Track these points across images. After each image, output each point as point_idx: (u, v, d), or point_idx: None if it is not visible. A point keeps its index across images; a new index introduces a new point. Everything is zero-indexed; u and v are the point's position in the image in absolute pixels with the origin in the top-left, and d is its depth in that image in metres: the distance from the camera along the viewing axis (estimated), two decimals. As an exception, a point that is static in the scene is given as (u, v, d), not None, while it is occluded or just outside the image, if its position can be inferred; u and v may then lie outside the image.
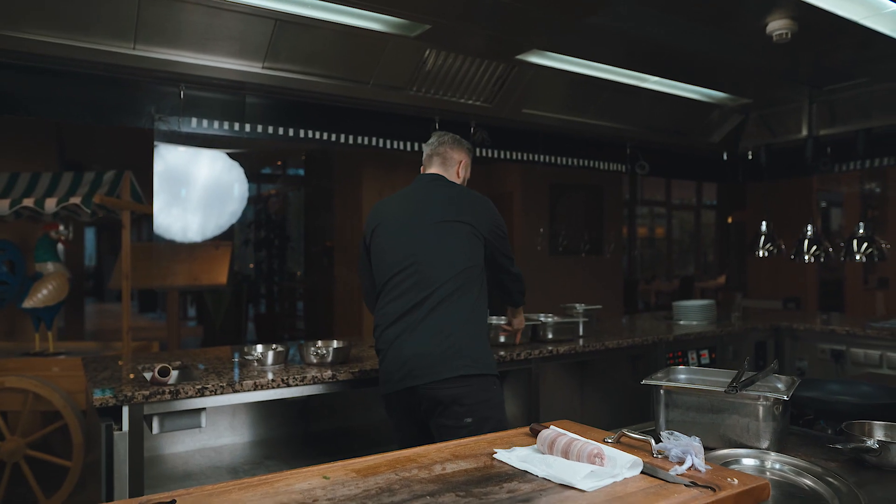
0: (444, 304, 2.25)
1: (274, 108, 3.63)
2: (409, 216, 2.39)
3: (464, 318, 2.26)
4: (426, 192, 2.47)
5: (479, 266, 2.37)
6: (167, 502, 1.13)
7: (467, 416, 2.16)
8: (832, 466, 1.49)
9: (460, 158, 2.58)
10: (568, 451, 1.32)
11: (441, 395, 2.16)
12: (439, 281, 2.26)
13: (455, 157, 2.57)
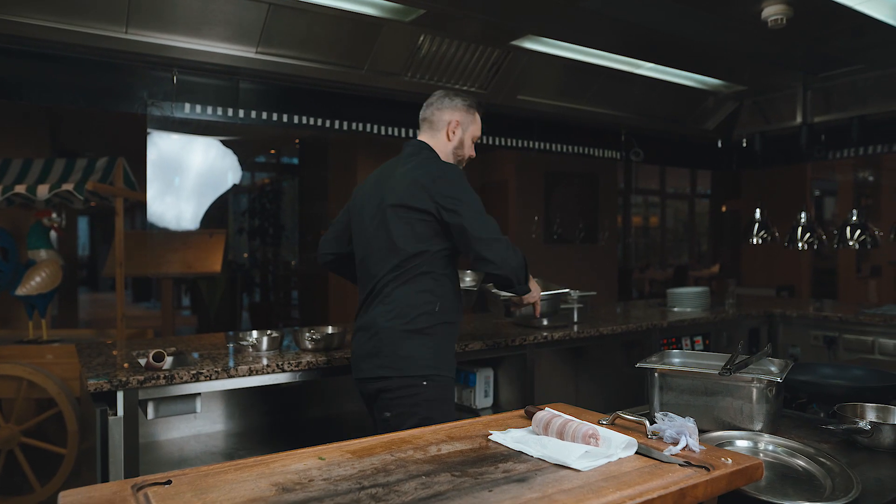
0: (377, 298, 2.18)
1: (268, 93, 3.61)
2: (366, 201, 2.27)
3: (395, 312, 2.12)
4: (390, 170, 2.25)
5: (431, 252, 2.14)
6: (163, 482, 1.13)
7: (386, 410, 2.12)
8: (825, 447, 1.50)
9: (450, 118, 2.30)
10: (563, 432, 1.32)
11: (368, 388, 2.18)
12: (378, 274, 2.18)
13: (444, 119, 2.30)
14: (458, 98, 2.34)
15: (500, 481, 1.14)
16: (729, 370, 1.59)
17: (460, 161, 2.37)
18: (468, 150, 2.38)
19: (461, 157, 2.36)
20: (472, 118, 2.36)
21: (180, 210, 8.30)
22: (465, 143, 2.35)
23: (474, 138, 2.38)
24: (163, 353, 2.26)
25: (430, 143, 2.31)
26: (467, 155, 2.38)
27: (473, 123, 2.37)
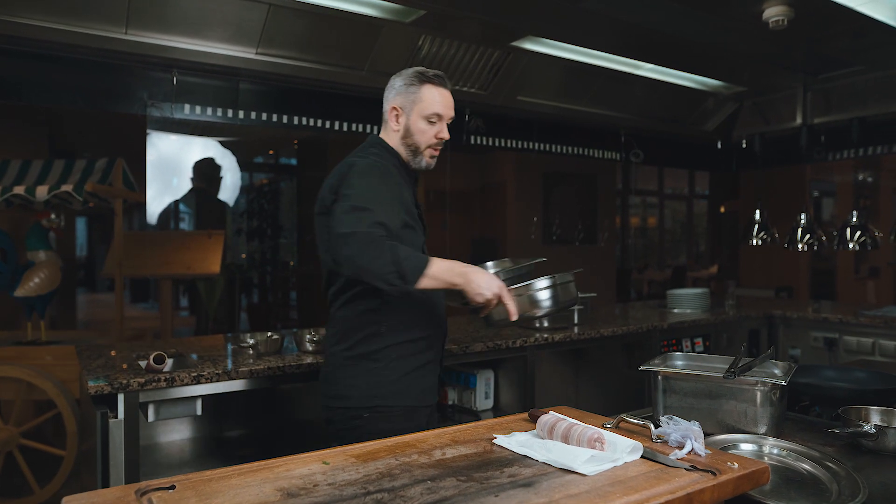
0: (329, 320, 2.02)
1: (267, 94, 3.60)
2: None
3: (339, 336, 1.96)
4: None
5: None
6: (166, 487, 1.13)
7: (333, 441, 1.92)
8: (829, 451, 1.50)
9: (389, 106, 1.99)
10: (568, 436, 1.32)
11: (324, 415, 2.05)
12: (327, 292, 2.03)
13: (386, 108, 2.00)
14: (399, 78, 1.98)
15: (505, 486, 1.13)
16: (733, 373, 1.58)
17: (415, 151, 1.99)
18: (422, 134, 1.97)
19: (415, 146, 1.98)
20: (414, 96, 1.95)
21: (178, 211, 8.28)
22: (412, 128, 1.96)
23: (427, 116, 1.96)
24: (163, 355, 2.26)
25: (384, 137, 2.03)
26: (424, 142, 1.98)
27: (419, 101, 1.95)
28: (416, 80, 1.97)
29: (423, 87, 1.96)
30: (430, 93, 1.96)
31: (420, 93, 1.96)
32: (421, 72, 1.98)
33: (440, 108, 1.97)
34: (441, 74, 2.00)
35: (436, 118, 1.97)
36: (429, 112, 1.96)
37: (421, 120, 1.96)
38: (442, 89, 1.99)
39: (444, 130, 1.99)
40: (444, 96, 1.98)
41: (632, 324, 3.60)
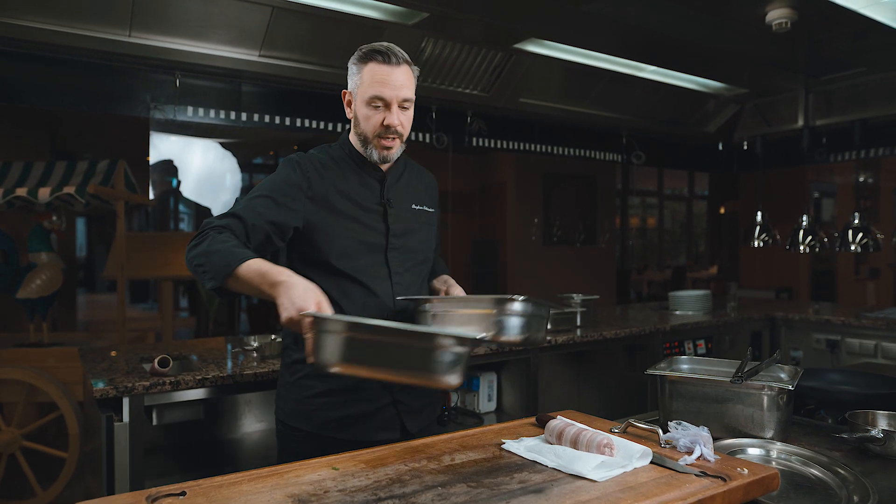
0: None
1: (270, 96, 3.60)
2: None
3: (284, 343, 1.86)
4: None
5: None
6: (177, 494, 1.13)
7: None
8: (837, 456, 1.50)
9: (344, 91, 1.76)
10: (577, 441, 1.32)
11: None
12: None
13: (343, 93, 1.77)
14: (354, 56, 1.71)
15: (516, 492, 1.13)
16: (740, 378, 1.58)
17: (364, 141, 1.72)
18: (366, 121, 1.68)
19: (363, 136, 1.71)
20: (357, 78, 1.68)
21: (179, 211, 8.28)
22: (358, 114, 1.70)
23: (368, 100, 1.65)
24: (168, 358, 2.25)
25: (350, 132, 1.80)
26: (370, 131, 1.68)
27: (361, 83, 1.66)
28: (358, 59, 1.68)
29: (365, 66, 1.66)
30: (371, 72, 1.65)
31: (362, 73, 1.67)
32: (364, 49, 1.69)
33: (382, 89, 1.64)
34: (388, 48, 1.66)
35: (378, 102, 1.65)
36: (369, 95, 1.65)
37: (364, 105, 1.67)
38: (387, 66, 1.64)
39: (391, 116, 1.66)
40: (388, 75, 1.64)
41: (634, 326, 3.60)
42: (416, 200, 1.87)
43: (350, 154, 1.78)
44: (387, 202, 1.78)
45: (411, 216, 1.84)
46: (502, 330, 1.48)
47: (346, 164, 1.77)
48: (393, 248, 1.78)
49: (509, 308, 1.48)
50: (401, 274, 1.79)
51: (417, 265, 1.85)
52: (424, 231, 1.88)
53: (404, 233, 1.80)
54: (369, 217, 1.75)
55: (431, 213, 1.92)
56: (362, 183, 1.77)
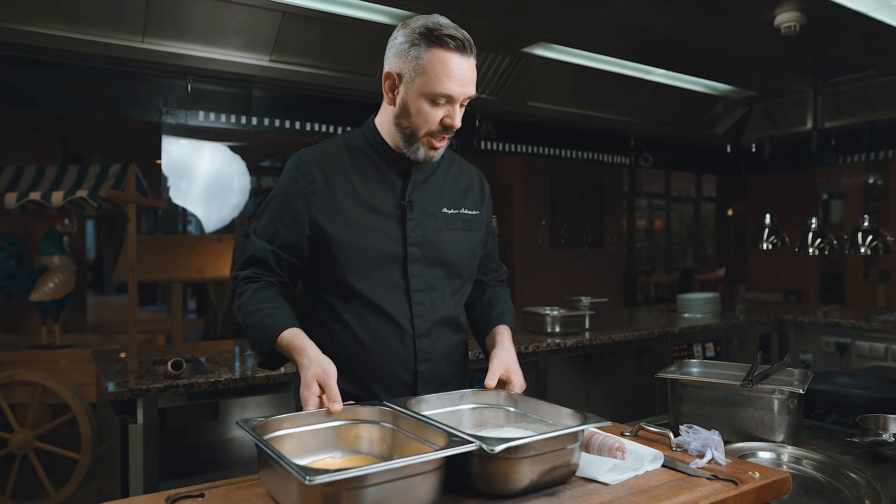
0: None
1: (281, 101, 3.63)
2: None
3: None
4: None
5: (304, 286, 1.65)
6: (196, 496, 1.14)
7: None
8: (847, 460, 1.51)
9: (387, 70, 1.48)
10: (589, 445, 1.33)
11: None
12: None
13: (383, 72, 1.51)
14: (402, 31, 1.45)
15: (529, 497, 1.14)
16: (751, 381, 1.59)
17: (411, 137, 1.48)
18: (421, 117, 1.45)
19: (412, 131, 1.48)
20: (416, 63, 1.41)
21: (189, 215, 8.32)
22: (410, 107, 1.45)
23: (432, 95, 1.42)
24: (181, 361, 2.28)
25: (378, 116, 1.59)
26: (423, 127, 1.46)
27: (423, 72, 1.41)
28: (423, 41, 1.40)
29: (430, 51, 1.40)
30: (439, 62, 1.40)
31: (425, 59, 1.40)
32: (431, 28, 1.40)
33: (452, 85, 1.41)
34: (461, 35, 1.42)
35: (443, 99, 1.43)
36: (434, 90, 1.41)
37: (422, 98, 1.43)
38: (459, 56, 1.41)
39: (454, 115, 1.45)
40: (460, 68, 1.41)
41: (643, 329, 3.60)
42: (451, 202, 1.61)
43: (373, 144, 1.56)
44: (407, 204, 1.53)
45: (441, 221, 1.57)
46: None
47: (364, 156, 1.55)
48: (413, 259, 1.52)
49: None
50: (423, 292, 1.53)
51: (450, 279, 1.59)
52: (459, 238, 1.60)
53: (428, 241, 1.54)
54: (385, 222, 1.52)
55: (473, 215, 1.65)
56: (382, 180, 1.54)
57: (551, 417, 1.32)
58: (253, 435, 1.13)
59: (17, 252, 4.00)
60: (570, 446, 1.18)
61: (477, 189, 1.71)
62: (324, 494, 0.97)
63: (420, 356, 1.54)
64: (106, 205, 3.95)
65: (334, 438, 1.27)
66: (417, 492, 1.03)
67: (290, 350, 1.41)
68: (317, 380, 1.32)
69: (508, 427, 1.39)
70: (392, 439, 1.25)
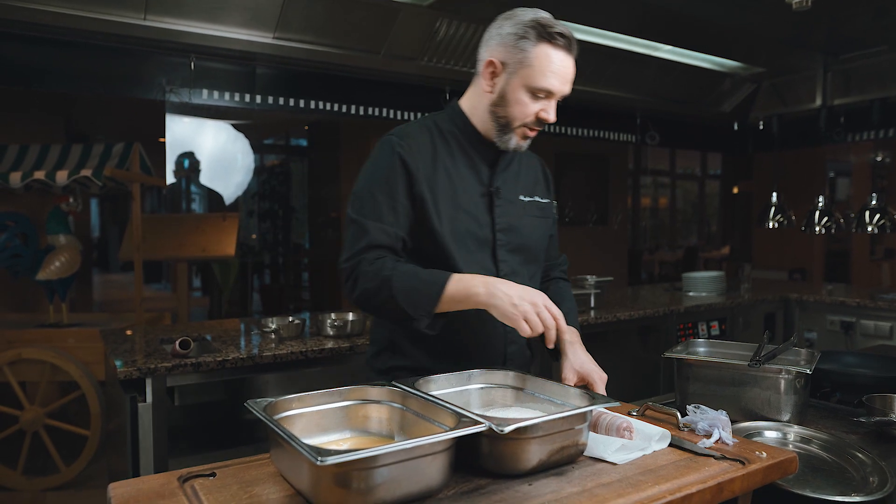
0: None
1: (284, 78, 3.60)
2: None
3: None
4: None
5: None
6: (207, 474, 1.15)
7: None
8: (853, 439, 1.51)
9: (486, 57, 1.51)
10: (597, 424, 1.33)
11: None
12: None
13: (481, 59, 1.54)
14: (508, 23, 1.48)
15: (539, 475, 1.15)
16: (758, 361, 1.59)
17: (505, 126, 1.52)
18: (519, 107, 1.49)
19: (507, 121, 1.51)
20: (523, 55, 1.45)
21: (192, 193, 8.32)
22: (509, 96, 1.49)
23: (534, 88, 1.46)
24: (189, 340, 2.29)
25: (464, 100, 1.62)
26: (519, 118, 1.50)
27: (527, 65, 1.45)
28: (532, 35, 1.45)
29: (538, 45, 1.44)
30: (547, 57, 1.45)
31: (532, 53, 1.45)
32: (542, 23, 1.45)
33: (555, 81, 1.46)
34: (568, 34, 1.47)
35: (543, 94, 1.48)
36: (537, 84, 1.45)
37: (523, 90, 1.47)
38: (565, 55, 1.47)
39: (550, 111, 1.50)
40: (564, 66, 1.47)
41: (648, 307, 3.61)
42: (527, 190, 1.67)
43: (463, 129, 1.58)
44: (495, 191, 1.58)
45: (520, 208, 1.63)
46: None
47: (455, 141, 1.58)
48: (500, 244, 1.58)
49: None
50: (510, 276, 1.55)
51: (528, 265, 1.66)
52: (536, 226, 1.67)
53: (511, 228, 1.60)
54: (475, 207, 1.55)
55: (545, 203, 1.71)
56: (470, 165, 1.57)
57: (559, 398, 1.33)
58: (264, 416, 1.14)
59: (22, 231, 4.01)
60: (579, 426, 1.18)
61: (543, 177, 1.76)
62: (335, 475, 0.97)
63: (509, 338, 1.60)
64: (110, 184, 3.95)
65: (344, 418, 1.28)
66: (427, 472, 1.03)
67: (470, 282, 1.38)
68: (539, 299, 1.33)
69: (517, 407, 1.40)
70: (401, 419, 1.26)
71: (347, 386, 1.30)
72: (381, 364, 1.65)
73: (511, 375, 1.43)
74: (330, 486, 0.98)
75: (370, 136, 6.74)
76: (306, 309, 7.83)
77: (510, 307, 1.33)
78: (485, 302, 1.36)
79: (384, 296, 1.41)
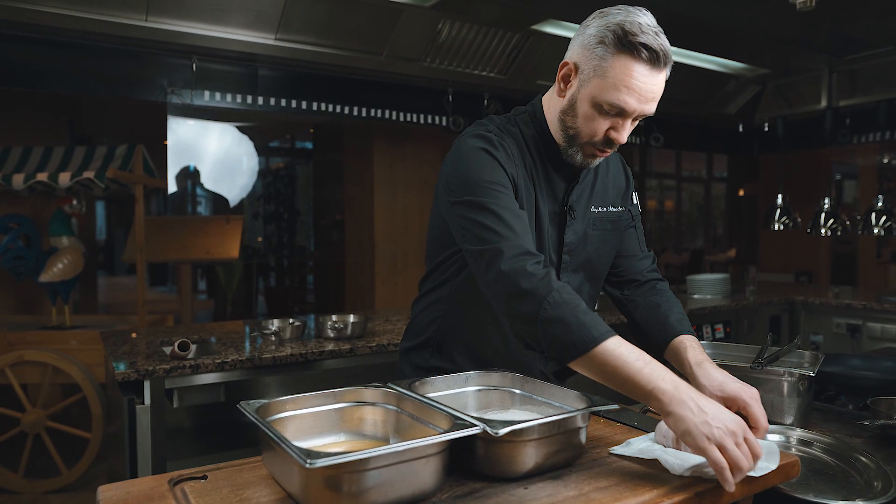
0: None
1: (286, 80, 3.60)
2: None
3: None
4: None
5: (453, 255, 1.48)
6: (199, 477, 1.14)
7: None
8: (857, 442, 1.49)
9: (565, 61, 1.37)
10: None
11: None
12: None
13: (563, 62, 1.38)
14: (595, 21, 1.33)
15: (535, 479, 1.14)
16: (760, 364, 1.57)
17: (571, 138, 1.38)
18: (586, 122, 1.33)
19: (574, 133, 1.37)
20: (599, 62, 1.29)
21: (197, 195, 8.34)
22: (577, 107, 1.34)
23: (605, 102, 1.29)
24: (188, 342, 2.28)
25: (545, 99, 1.47)
26: (587, 133, 1.35)
27: (602, 75, 1.28)
28: (613, 41, 1.28)
29: (617, 55, 1.27)
30: (625, 69, 1.27)
31: (610, 63, 1.28)
32: (627, 29, 1.27)
33: (630, 99, 1.29)
34: (660, 43, 1.29)
35: (615, 111, 1.31)
36: (608, 98, 1.29)
37: (591, 102, 1.31)
38: (648, 70, 1.29)
39: (620, 129, 1.34)
40: (647, 83, 1.29)
41: (651, 310, 3.57)
42: (600, 202, 1.54)
43: (541, 136, 1.45)
44: (568, 210, 1.45)
45: (589, 223, 1.51)
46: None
47: (535, 148, 1.44)
48: (565, 265, 1.47)
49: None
50: None
51: (591, 281, 1.57)
52: (605, 240, 1.54)
53: (578, 246, 1.49)
54: (548, 225, 1.44)
55: (618, 213, 1.57)
56: (547, 177, 1.45)
57: (557, 400, 1.31)
58: (255, 417, 1.13)
59: (25, 233, 4.02)
60: (576, 428, 1.16)
61: (622, 181, 1.63)
62: (325, 477, 0.96)
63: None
64: (113, 185, 3.95)
65: (338, 421, 1.26)
66: (420, 475, 1.02)
67: (637, 372, 1.21)
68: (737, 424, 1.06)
69: (514, 409, 1.37)
70: (396, 422, 1.24)
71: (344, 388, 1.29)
72: (421, 360, 1.58)
73: (509, 377, 1.41)
74: (320, 489, 0.96)
75: (373, 138, 6.74)
76: (311, 311, 7.83)
77: (702, 426, 1.06)
78: (666, 404, 1.12)
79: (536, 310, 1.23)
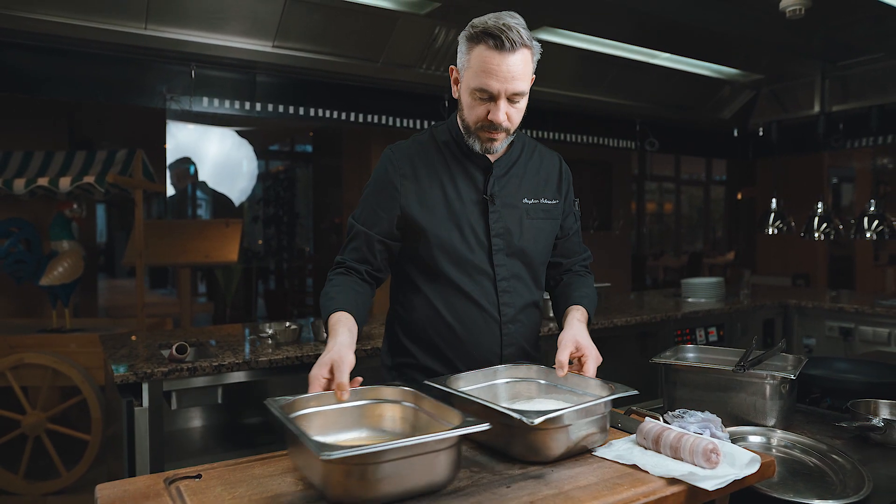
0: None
1: (284, 86, 3.64)
2: None
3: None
4: None
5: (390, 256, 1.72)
6: (193, 476, 1.18)
7: None
8: (837, 444, 1.52)
9: (451, 67, 1.59)
10: (679, 448, 1.22)
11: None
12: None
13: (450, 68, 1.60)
14: (477, 24, 1.47)
15: (517, 477, 1.17)
16: (743, 367, 1.61)
17: (467, 130, 1.57)
18: (469, 110, 1.53)
19: (465, 124, 1.57)
20: (465, 58, 1.49)
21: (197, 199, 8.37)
22: (462, 101, 1.55)
23: (472, 89, 1.48)
24: (185, 345, 2.32)
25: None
26: (472, 121, 1.53)
27: (467, 68, 1.48)
28: (468, 37, 1.48)
29: (473, 48, 1.46)
30: (479, 58, 1.45)
31: (470, 56, 1.47)
32: (476, 26, 1.45)
33: (488, 80, 1.44)
34: (502, 28, 1.42)
35: (484, 95, 1.47)
36: (473, 85, 1.47)
37: (467, 93, 1.51)
38: (497, 53, 1.43)
39: (497, 112, 1.47)
40: (498, 64, 1.43)
41: (646, 313, 3.61)
42: (531, 193, 1.68)
43: (456, 138, 1.64)
44: (489, 197, 1.61)
45: (521, 212, 1.65)
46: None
47: (449, 151, 1.64)
48: (497, 249, 1.62)
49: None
50: (508, 280, 1.63)
51: (529, 268, 1.69)
52: (540, 229, 1.69)
53: (508, 232, 1.63)
54: (469, 214, 1.60)
55: (552, 205, 1.72)
56: (465, 173, 1.62)
57: (580, 388, 1.42)
58: (279, 413, 1.18)
59: (26, 237, 4.05)
60: (601, 414, 1.29)
61: (555, 177, 1.77)
62: (344, 469, 1.03)
63: (506, 341, 1.66)
64: (113, 190, 3.99)
65: (360, 417, 1.33)
66: (432, 467, 1.09)
67: (329, 331, 1.48)
68: (331, 364, 1.34)
69: (540, 398, 1.47)
70: (414, 418, 1.31)
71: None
72: (389, 361, 1.77)
73: (534, 369, 1.52)
74: (338, 479, 1.04)
75: (371, 143, 6.78)
76: (310, 314, 7.86)
77: (315, 367, 1.38)
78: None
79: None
